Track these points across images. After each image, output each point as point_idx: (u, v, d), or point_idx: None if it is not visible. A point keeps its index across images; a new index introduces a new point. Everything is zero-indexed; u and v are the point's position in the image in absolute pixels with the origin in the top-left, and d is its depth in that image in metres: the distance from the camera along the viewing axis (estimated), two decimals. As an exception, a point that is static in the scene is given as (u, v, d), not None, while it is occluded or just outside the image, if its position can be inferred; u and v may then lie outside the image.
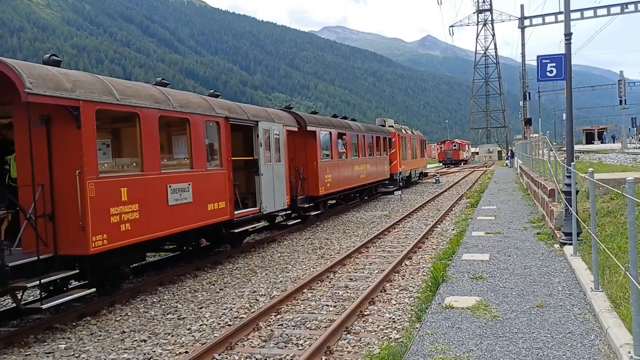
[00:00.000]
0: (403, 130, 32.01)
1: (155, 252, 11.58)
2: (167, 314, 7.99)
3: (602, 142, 63.18)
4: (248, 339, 6.68)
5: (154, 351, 6.40)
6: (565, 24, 10.35)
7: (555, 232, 9.92)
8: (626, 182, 4.32)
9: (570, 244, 8.25)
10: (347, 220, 18.09)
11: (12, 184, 8.35)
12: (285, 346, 6.43)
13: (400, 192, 26.25)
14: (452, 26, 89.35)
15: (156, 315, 7.94)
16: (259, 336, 6.77)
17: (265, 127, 13.52)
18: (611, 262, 6.42)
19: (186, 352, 6.33)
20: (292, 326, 7.16)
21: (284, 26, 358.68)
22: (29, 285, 7.15)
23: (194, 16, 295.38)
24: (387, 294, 8.61)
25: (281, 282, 9.75)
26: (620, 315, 5.19)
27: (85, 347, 6.70)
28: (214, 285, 9.72)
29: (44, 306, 7.07)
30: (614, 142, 53.44)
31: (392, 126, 29.66)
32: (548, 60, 10.12)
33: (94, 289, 8.07)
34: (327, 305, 8.07)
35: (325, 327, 6.97)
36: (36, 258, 7.09)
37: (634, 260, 4.25)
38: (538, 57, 10.29)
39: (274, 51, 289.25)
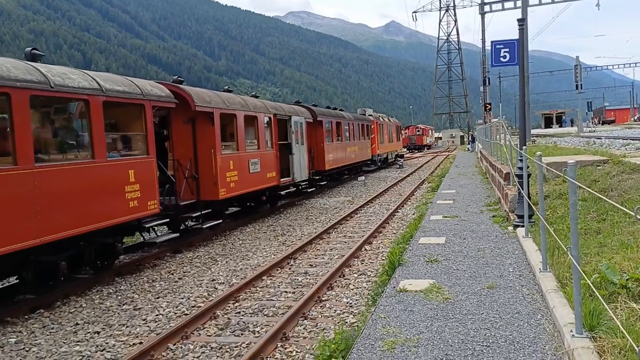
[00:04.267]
0: (380, 118, 36.35)
1: (233, 207, 15.60)
2: (123, 304, 7.87)
3: (560, 126, 64.87)
4: (204, 328, 6.64)
5: (107, 343, 6.30)
6: (523, 9, 10.55)
7: (510, 214, 10.14)
8: (568, 166, 4.40)
9: (523, 226, 8.46)
10: (310, 207, 18.12)
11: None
12: (242, 334, 6.42)
13: (364, 177, 26.53)
14: (415, 12, 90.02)
15: (111, 306, 7.81)
16: (216, 324, 6.74)
17: (295, 120, 18.24)
18: (559, 243, 6.61)
19: (140, 342, 6.25)
20: (250, 314, 7.15)
21: (248, 11, 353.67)
22: (193, 215, 12.01)
23: (156, 0, 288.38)
24: (345, 279, 8.68)
25: (241, 269, 9.71)
26: (566, 295, 5.33)
27: (36, 340, 6.54)
28: (172, 274, 9.61)
29: (204, 226, 12.36)
30: (572, 126, 54.93)
31: (371, 115, 34.03)
32: (502, 46, 10.25)
33: (220, 220, 13.16)
34: (286, 292, 8.09)
35: (282, 313, 6.99)
36: (195, 200, 12.27)
37: (575, 241, 4.37)
38: (492, 42, 10.42)
39: (239, 36, 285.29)
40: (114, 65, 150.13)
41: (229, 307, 7.47)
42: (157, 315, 7.27)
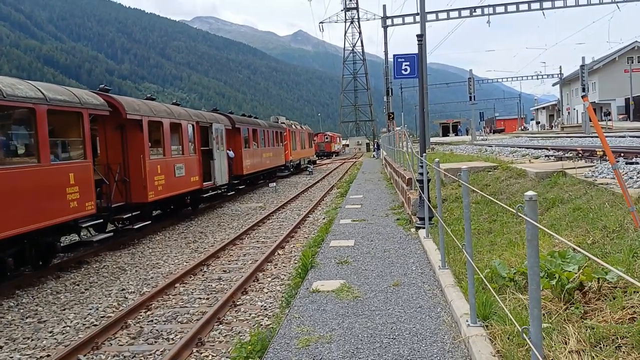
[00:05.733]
0: (293, 126, 38.06)
1: (161, 209, 16.41)
2: (27, 317, 7.52)
3: (456, 135, 68.98)
4: (116, 338, 6.54)
5: (12, 357, 6.04)
6: (421, 25, 11.31)
7: (412, 217, 10.80)
8: (462, 171, 4.92)
9: (424, 228, 9.09)
10: (222, 213, 18.05)
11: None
12: (156, 341, 6.40)
13: (275, 184, 26.76)
14: (322, 22, 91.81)
15: (14, 320, 7.44)
16: (128, 334, 6.66)
17: (215, 127, 19.37)
18: (456, 242, 7.20)
19: (48, 355, 6.05)
20: (163, 321, 7.12)
21: (153, 14, 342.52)
22: (124, 216, 12.72)
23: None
24: (260, 283, 8.85)
25: (152, 278, 9.57)
26: (462, 289, 5.85)
27: None
28: (78, 285, 9.28)
29: (135, 226, 13.01)
30: (467, 135, 58.61)
31: (283, 123, 35.45)
32: (403, 60, 10.94)
33: (150, 222, 13.92)
34: (200, 298, 8.11)
35: (197, 319, 7.03)
36: (124, 202, 12.94)
37: (469, 239, 4.88)
38: (394, 56, 11.08)
39: (143, 40, 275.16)
40: (6, 66, 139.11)
41: (141, 316, 7.38)
42: (64, 327, 7.03)
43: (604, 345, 3.64)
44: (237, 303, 7.75)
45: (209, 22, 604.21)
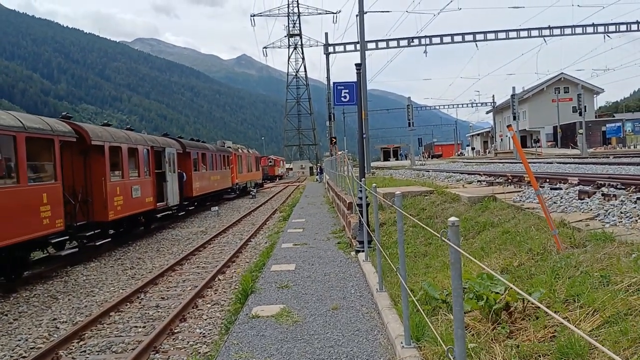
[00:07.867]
0: (239, 150, 38.93)
1: (115, 229, 16.58)
2: (-54, 352, 7.07)
3: (397, 159, 70.74)
4: (46, 370, 6.27)
5: None
6: (361, 53, 11.66)
7: (352, 241, 10.99)
8: (395, 196, 5.11)
9: (363, 251, 9.27)
10: (161, 238, 17.66)
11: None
12: (89, 372, 6.18)
13: (217, 208, 26.49)
14: (265, 47, 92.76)
15: None
16: (59, 365, 6.40)
17: (168, 151, 20.60)
18: (393, 266, 7.39)
19: (-30, 392, 5.73)
20: (97, 352, 6.89)
21: (92, 34, 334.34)
22: (87, 234, 13.62)
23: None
24: (199, 309, 8.72)
25: (86, 306, 9.24)
26: (398, 312, 6.01)
27: None
28: (6, 315, 8.83)
29: (97, 243, 13.88)
30: (406, 159, 60.20)
31: (230, 147, 36.27)
32: (342, 87, 11.26)
33: (110, 239, 14.98)
34: (136, 327, 7.90)
35: (132, 349, 6.84)
36: (86, 221, 13.92)
37: (403, 262, 5.05)
38: (334, 83, 11.38)
39: (81, 60, 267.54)
40: None
41: (73, 346, 7.11)
42: (-11, 361, 6.67)
43: (528, 363, 3.85)
44: (175, 331, 7.60)
45: (151, 44, 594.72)
